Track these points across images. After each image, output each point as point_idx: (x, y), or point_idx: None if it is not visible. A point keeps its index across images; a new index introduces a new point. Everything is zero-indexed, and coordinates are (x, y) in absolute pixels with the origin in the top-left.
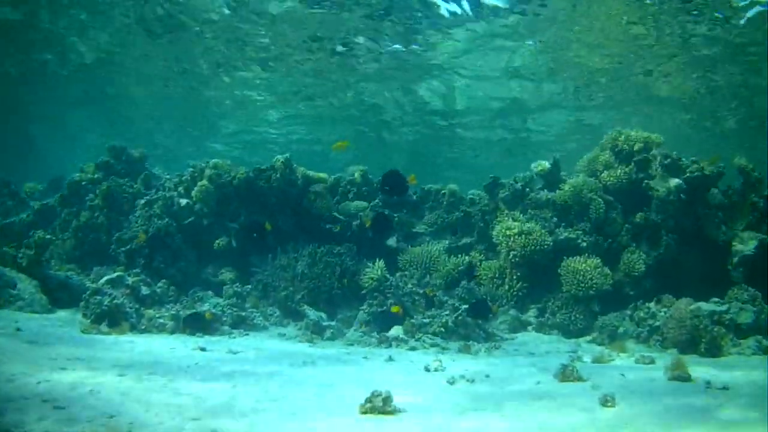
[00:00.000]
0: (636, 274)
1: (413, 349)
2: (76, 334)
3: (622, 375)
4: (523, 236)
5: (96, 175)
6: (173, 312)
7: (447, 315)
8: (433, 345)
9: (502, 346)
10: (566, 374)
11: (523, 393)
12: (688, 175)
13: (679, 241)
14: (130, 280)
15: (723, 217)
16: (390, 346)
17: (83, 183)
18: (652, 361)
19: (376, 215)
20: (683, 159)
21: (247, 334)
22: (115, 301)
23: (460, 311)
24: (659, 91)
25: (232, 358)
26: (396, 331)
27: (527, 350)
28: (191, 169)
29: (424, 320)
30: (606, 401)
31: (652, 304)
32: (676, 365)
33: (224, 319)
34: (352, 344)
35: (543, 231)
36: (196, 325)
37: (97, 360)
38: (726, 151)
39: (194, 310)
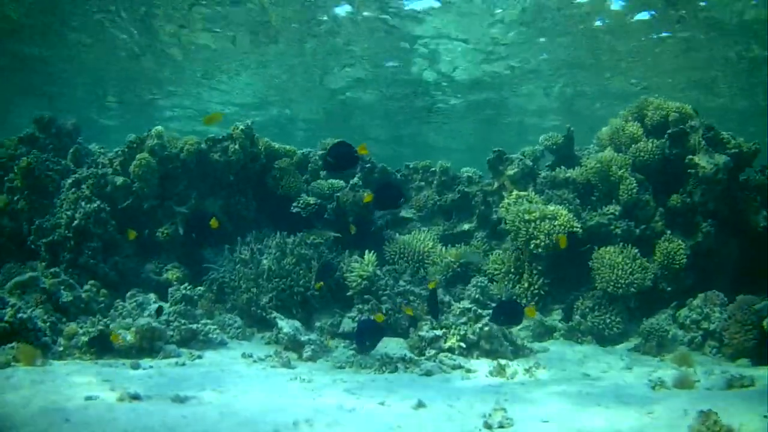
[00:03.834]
0: (676, 266)
1: (429, 374)
2: None
3: (765, 417)
4: (548, 221)
5: (18, 151)
6: (101, 326)
7: (464, 324)
8: (455, 367)
9: (541, 364)
10: (707, 425)
11: None
12: (727, 151)
13: (716, 227)
14: (46, 282)
15: (762, 200)
16: (396, 370)
17: (3, 160)
18: (752, 383)
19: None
20: (723, 133)
21: (201, 356)
22: (20, 315)
23: (484, 319)
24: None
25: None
26: (397, 345)
27: (576, 369)
28: (130, 140)
29: (436, 332)
30: None
31: (698, 302)
32: None
33: (170, 334)
34: (342, 367)
35: (571, 216)
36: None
37: None
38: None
39: (98, 328)
